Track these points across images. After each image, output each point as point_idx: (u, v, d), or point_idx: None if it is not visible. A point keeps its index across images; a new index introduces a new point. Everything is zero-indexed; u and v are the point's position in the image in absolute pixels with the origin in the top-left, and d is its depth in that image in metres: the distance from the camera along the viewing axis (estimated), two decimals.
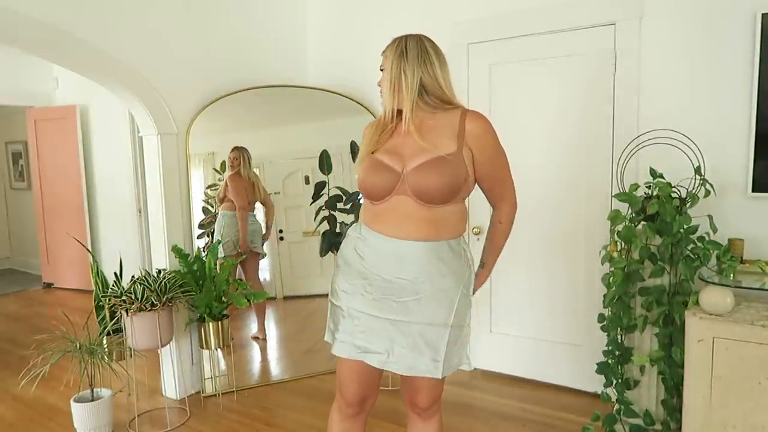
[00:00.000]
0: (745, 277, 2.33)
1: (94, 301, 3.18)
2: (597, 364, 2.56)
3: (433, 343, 1.72)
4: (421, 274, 1.71)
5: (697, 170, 2.38)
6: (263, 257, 3.59)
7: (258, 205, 3.53)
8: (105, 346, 2.85)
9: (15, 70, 5.55)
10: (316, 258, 3.58)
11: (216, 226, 3.39)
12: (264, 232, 3.55)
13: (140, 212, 5.09)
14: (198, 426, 2.92)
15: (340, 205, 3.58)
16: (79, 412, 2.74)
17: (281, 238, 3.62)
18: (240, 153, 3.37)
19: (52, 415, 3.07)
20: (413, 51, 1.75)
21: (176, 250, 3.02)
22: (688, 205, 2.36)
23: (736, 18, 2.49)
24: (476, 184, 1.83)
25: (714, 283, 2.21)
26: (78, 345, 2.70)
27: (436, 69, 1.75)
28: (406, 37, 1.77)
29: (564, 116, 3.00)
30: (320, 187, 3.55)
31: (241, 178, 3.36)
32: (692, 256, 2.33)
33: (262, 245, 3.55)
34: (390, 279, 1.72)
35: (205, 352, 3.23)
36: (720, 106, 2.57)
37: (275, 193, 3.57)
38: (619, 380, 2.49)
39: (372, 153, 1.77)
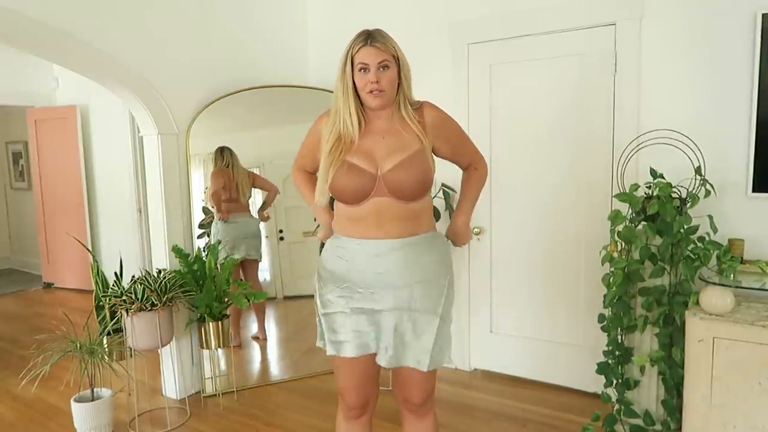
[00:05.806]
0: (745, 277, 2.33)
1: (95, 301, 3.19)
2: (597, 364, 2.56)
3: (423, 333, 1.74)
4: (408, 265, 1.74)
5: (698, 170, 2.38)
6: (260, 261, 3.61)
7: (259, 211, 3.55)
8: (105, 346, 2.85)
9: (15, 70, 5.55)
10: (315, 258, 3.51)
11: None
12: (265, 235, 3.56)
13: (140, 212, 5.08)
14: (198, 426, 2.92)
15: None
16: (79, 412, 2.74)
17: (281, 239, 3.62)
18: (218, 151, 3.37)
19: (52, 415, 3.07)
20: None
21: (176, 250, 3.02)
22: (688, 205, 2.36)
23: (736, 18, 2.49)
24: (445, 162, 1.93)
25: (714, 283, 2.21)
26: (78, 345, 2.70)
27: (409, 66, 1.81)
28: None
29: (564, 116, 3.00)
30: None
31: (219, 173, 3.36)
32: (692, 256, 2.32)
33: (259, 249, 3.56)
34: (380, 272, 1.74)
35: (205, 352, 3.23)
36: (720, 106, 2.57)
37: None
38: (619, 380, 2.49)
39: (341, 157, 1.74)
